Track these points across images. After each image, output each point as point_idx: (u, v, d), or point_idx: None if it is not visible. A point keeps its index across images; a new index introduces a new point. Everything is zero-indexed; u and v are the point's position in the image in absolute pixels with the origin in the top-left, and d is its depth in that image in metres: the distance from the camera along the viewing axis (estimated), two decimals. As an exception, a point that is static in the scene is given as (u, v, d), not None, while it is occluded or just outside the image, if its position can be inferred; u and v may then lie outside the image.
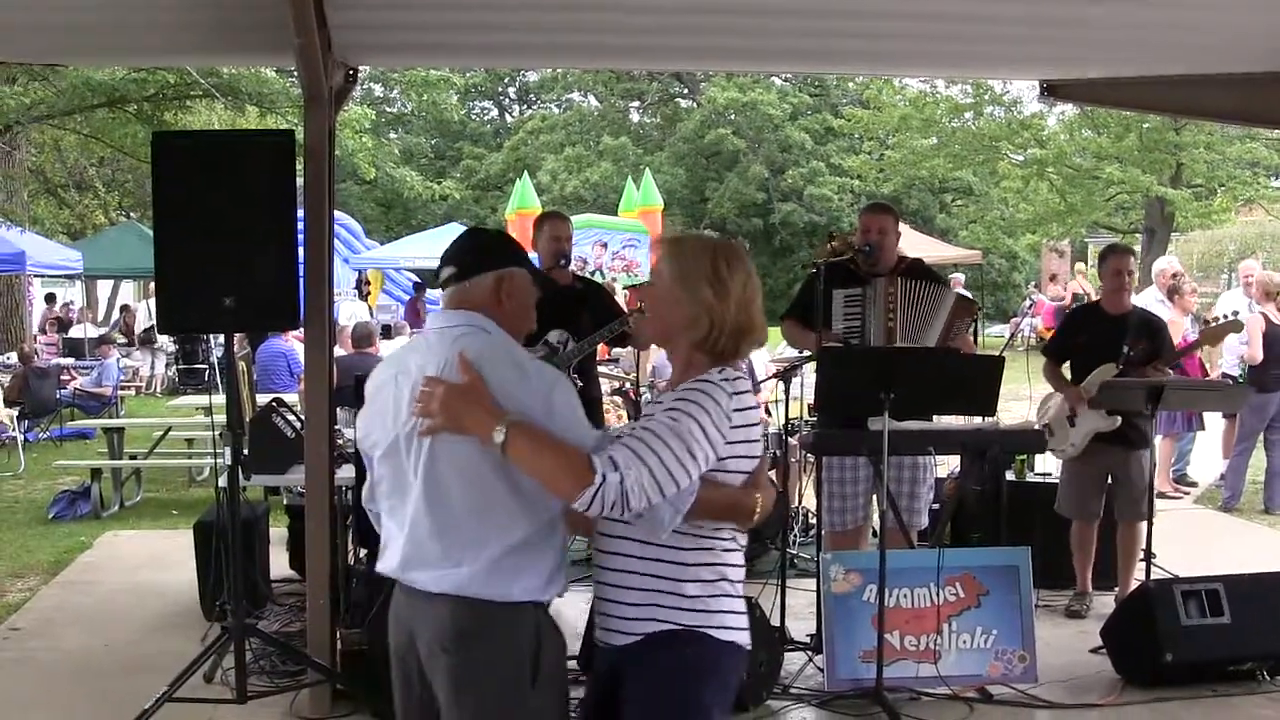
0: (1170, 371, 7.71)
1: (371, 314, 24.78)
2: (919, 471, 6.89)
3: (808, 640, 6.84)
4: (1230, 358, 11.77)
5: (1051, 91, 7.95)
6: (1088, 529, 7.85)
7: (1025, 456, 8.72)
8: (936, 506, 7.78)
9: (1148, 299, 11.04)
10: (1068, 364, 7.92)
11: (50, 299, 29.25)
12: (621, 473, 3.00)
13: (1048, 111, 32.59)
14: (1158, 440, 10.81)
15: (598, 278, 19.17)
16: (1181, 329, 11.29)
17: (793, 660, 6.65)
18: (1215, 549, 9.34)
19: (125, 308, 28.11)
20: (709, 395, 3.15)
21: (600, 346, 8.30)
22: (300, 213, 5.86)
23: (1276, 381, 11.04)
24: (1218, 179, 31.16)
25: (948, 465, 8.76)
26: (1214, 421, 12.62)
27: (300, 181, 5.98)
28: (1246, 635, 6.40)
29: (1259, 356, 10.98)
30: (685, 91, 52.00)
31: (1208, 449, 13.09)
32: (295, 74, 7.36)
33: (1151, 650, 6.33)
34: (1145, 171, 29.91)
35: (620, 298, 10.75)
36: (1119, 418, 7.47)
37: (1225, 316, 8.31)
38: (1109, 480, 7.75)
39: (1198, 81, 7.46)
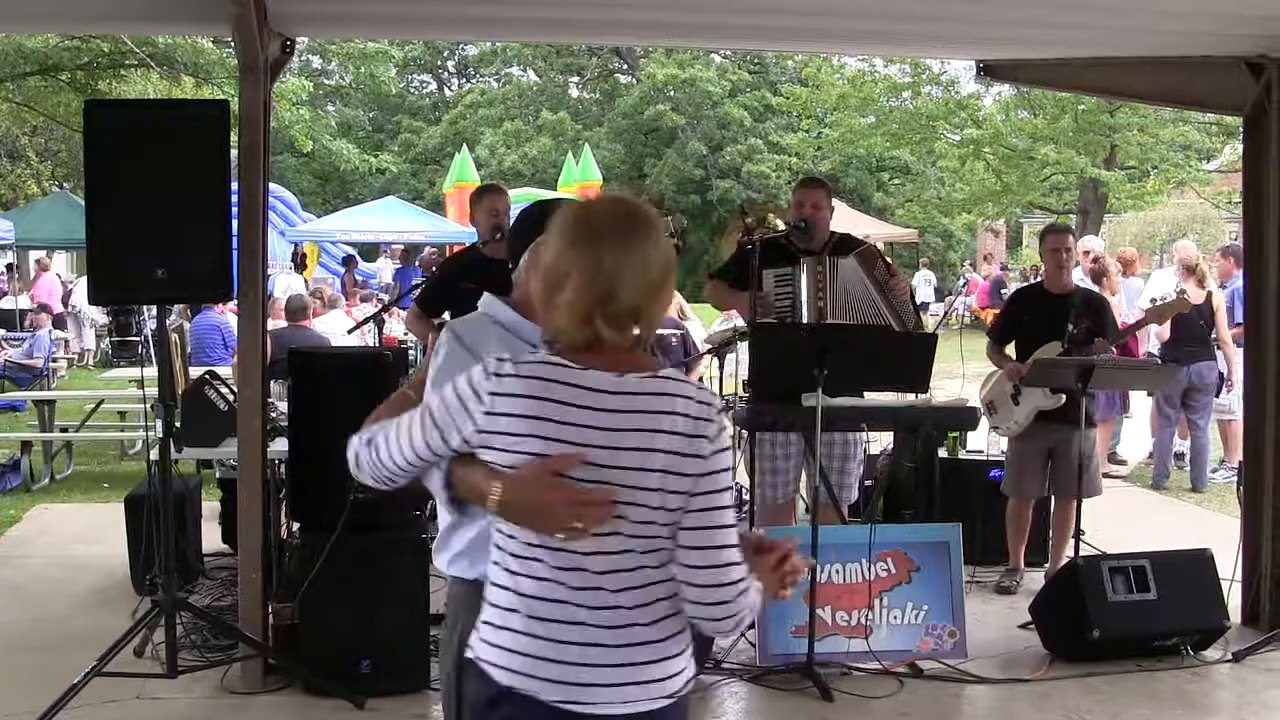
0: (1114, 350, 7.77)
1: (307, 286, 24.58)
2: (849, 448, 6.92)
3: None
4: (1151, 338, 11.83)
5: (988, 72, 8.01)
6: (1024, 506, 7.88)
7: (957, 434, 8.79)
8: (869, 483, 7.85)
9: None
10: (1013, 345, 7.96)
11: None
12: (369, 433, 2.78)
13: (984, 92, 32.88)
14: (1095, 422, 10.93)
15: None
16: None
17: (725, 635, 6.67)
18: (1143, 527, 9.44)
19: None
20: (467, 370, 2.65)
21: None
22: (235, 184, 5.81)
23: (1188, 356, 11.11)
24: (1151, 161, 31.54)
25: (881, 442, 8.82)
26: (1142, 404, 12.76)
27: (235, 153, 5.92)
28: (1172, 611, 6.50)
29: (1166, 334, 11.07)
30: (624, 67, 51.91)
31: (1138, 428, 13.25)
32: (232, 44, 7.27)
33: (1079, 626, 6.40)
34: (1080, 153, 30.21)
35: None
36: (1063, 395, 7.50)
37: (1171, 295, 8.39)
38: (1049, 458, 7.81)
39: (1130, 64, 7.55)
